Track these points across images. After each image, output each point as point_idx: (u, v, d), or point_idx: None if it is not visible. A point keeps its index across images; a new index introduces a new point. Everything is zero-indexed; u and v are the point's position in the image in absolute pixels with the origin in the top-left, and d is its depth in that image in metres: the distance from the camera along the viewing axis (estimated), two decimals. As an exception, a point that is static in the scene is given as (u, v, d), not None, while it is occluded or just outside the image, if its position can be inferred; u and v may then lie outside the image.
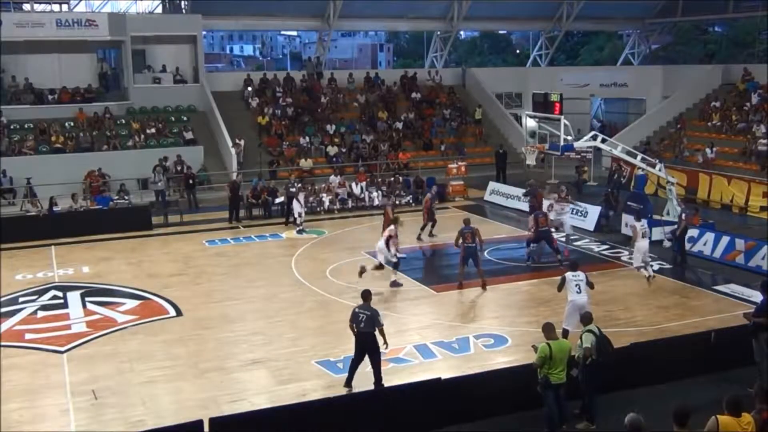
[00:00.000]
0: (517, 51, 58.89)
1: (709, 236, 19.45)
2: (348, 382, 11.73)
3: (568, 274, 13.11)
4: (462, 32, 48.49)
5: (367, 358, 11.65)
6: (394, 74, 38.25)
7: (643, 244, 17.05)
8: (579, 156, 27.70)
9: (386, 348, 11.74)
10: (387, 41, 68.63)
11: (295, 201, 23.15)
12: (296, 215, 23.04)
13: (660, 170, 22.86)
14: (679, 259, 18.76)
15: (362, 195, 26.76)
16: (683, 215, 18.98)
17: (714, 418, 7.36)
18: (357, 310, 11.72)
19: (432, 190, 23.35)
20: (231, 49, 75.60)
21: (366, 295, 11.92)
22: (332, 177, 27.23)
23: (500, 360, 12.76)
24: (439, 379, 10.84)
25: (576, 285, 12.95)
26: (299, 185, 24.00)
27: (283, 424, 9.83)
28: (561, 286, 13.22)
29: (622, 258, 19.54)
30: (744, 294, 16.06)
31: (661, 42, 46.51)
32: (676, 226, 19.26)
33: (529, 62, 44.09)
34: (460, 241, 16.90)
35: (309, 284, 17.50)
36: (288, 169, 29.31)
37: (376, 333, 11.51)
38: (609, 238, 21.60)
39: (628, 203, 22.18)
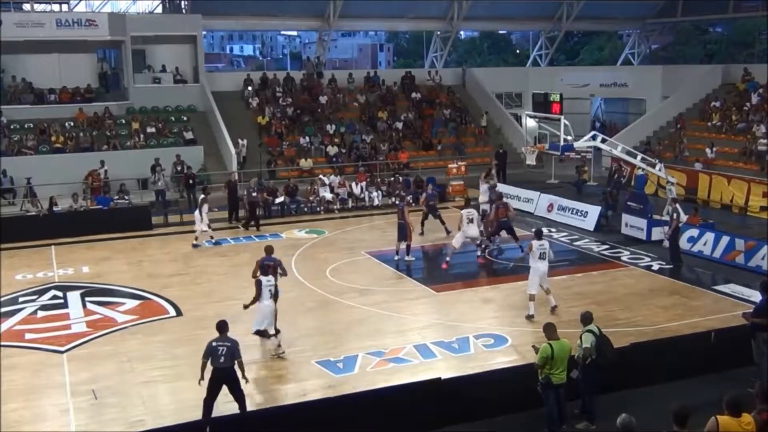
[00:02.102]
0: (517, 51, 58.91)
1: (709, 236, 19.45)
2: (206, 421, 10.04)
3: (263, 279, 13.20)
4: (462, 32, 48.49)
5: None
6: (394, 74, 38.26)
7: (539, 266, 14.72)
8: (579, 156, 27.73)
9: (246, 382, 10.54)
10: (387, 41, 68.70)
11: (196, 212, 21.42)
12: (197, 227, 21.32)
13: (660, 170, 22.87)
14: (671, 258, 18.79)
15: (362, 195, 26.75)
16: (674, 215, 18.91)
17: (714, 418, 7.36)
18: (214, 344, 10.35)
19: (428, 188, 23.22)
20: (231, 49, 75.73)
21: (222, 325, 10.62)
22: (332, 177, 27.22)
23: (500, 360, 12.75)
24: (439, 379, 10.85)
25: (269, 290, 13.13)
26: (202, 196, 21.95)
27: (283, 424, 9.83)
28: (258, 291, 13.12)
29: (622, 258, 19.55)
30: (744, 294, 16.05)
31: (661, 42, 46.52)
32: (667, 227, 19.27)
33: (529, 62, 44.10)
34: (259, 273, 13.60)
35: (309, 284, 17.49)
36: (287, 168, 29.32)
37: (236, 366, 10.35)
38: (609, 238, 21.60)
39: (628, 203, 22.18)
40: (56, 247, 21.35)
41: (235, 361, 10.34)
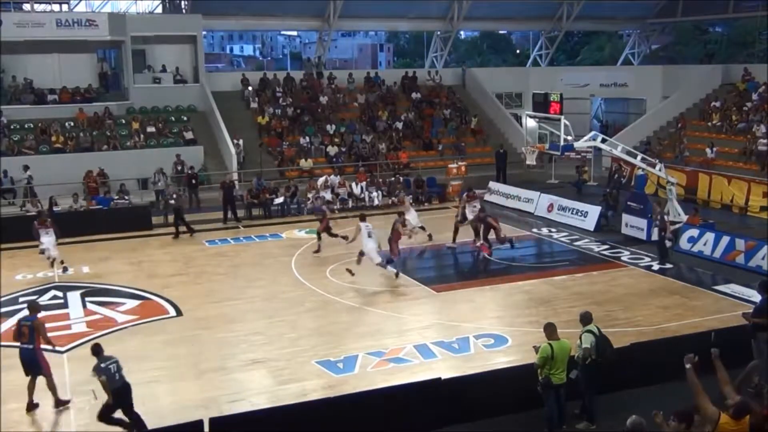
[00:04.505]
0: (517, 51, 58.93)
1: (709, 236, 19.45)
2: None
3: None
4: (462, 32, 48.49)
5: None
6: (394, 74, 38.26)
7: (367, 243, 17.66)
8: (579, 156, 27.71)
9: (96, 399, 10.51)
10: (387, 41, 68.68)
11: (43, 235, 18.63)
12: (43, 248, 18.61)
13: (660, 170, 22.86)
14: (659, 255, 18.85)
15: (362, 195, 26.75)
16: (664, 216, 18.87)
17: (718, 411, 7.37)
18: (103, 365, 10.25)
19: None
20: (231, 49, 75.70)
21: (97, 349, 10.48)
22: (330, 177, 27.18)
23: (500, 360, 12.75)
24: (439, 379, 10.84)
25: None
26: (39, 210, 20.09)
27: (283, 424, 9.83)
28: None
29: (622, 258, 19.55)
30: (744, 294, 16.05)
31: (661, 42, 46.53)
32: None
33: (529, 62, 44.11)
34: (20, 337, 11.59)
35: (309, 284, 17.50)
36: (288, 168, 29.30)
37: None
38: (609, 238, 21.60)
39: (628, 203, 22.18)
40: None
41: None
